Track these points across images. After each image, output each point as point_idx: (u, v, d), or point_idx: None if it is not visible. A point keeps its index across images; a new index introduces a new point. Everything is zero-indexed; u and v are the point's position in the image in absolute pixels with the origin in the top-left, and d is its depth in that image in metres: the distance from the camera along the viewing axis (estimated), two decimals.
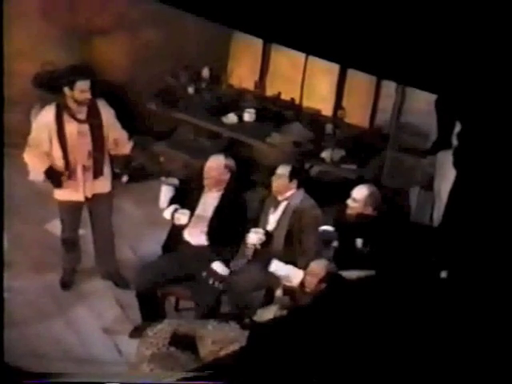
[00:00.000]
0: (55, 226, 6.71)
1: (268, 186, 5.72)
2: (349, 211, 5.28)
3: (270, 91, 7.85)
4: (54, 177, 5.73)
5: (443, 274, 3.39)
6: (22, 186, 7.04)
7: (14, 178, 6.32)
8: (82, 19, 7.33)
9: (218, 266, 5.48)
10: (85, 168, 5.73)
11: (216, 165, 5.62)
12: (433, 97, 5.82)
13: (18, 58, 6.65)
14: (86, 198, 5.83)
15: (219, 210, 5.64)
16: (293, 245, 5.51)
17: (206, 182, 5.66)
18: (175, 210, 5.67)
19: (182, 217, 5.62)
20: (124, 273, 6.18)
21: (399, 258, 4.86)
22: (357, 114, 7.37)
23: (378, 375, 2.91)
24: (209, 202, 5.68)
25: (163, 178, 6.55)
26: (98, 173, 5.78)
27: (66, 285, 6.06)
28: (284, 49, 6.93)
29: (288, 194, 5.56)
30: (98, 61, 7.48)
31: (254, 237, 5.50)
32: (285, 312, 4.71)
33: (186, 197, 5.77)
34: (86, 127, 5.66)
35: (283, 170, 5.55)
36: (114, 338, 5.63)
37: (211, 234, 5.65)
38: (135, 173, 7.50)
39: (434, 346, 2.90)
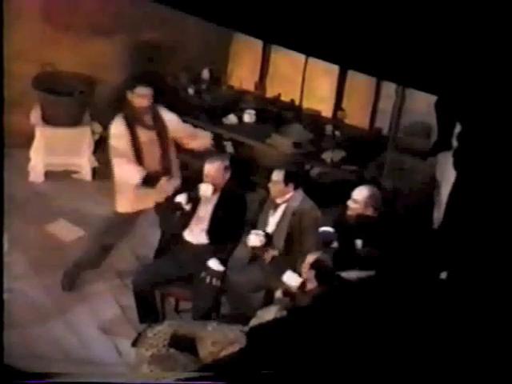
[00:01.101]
0: (56, 228, 6.72)
1: (267, 188, 5.72)
2: (349, 212, 5.28)
3: (270, 92, 7.85)
4: (152, 179, 5.76)
5: (443, 275, 3.39)
6: (23, 187, 7.04)
7: (14, 179, 6.33)
8: (81, 20, 7.33)
9: (213, 263, 5.49)
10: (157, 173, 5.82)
11: (215, 168, 5.62)
12: (433, 98, 5.82)
13: (18, 59, 6.65)
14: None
15: (219, 208, 5.65)
16: (293, 246, 5.51)
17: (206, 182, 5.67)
18: (188, 194, 5.64)
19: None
20: (123, 274, 6.20)
21: (399, 259, 4.86)
22: (357, 115, 7.37)
23: (378, 376, 2.91)
24: (209, 200, 5.68)
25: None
26: (167, 175, 5.84)
27: (68, 286, 6.05)
28: (284, 50, 6.93)
29: (286, 196, 5.56)
30: (98, 61, 7.48)
31: (255, 239, 5.51)
32: (284, 313, 4.71)
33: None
34: (153, 134, 5.80)
35: (277, 176, 5.54)
36: (113, 339, 5.63)
37: (211, 232, 5.65)
38: None
39: (434, 347, 2.90)
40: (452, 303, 3.00)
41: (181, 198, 5.64)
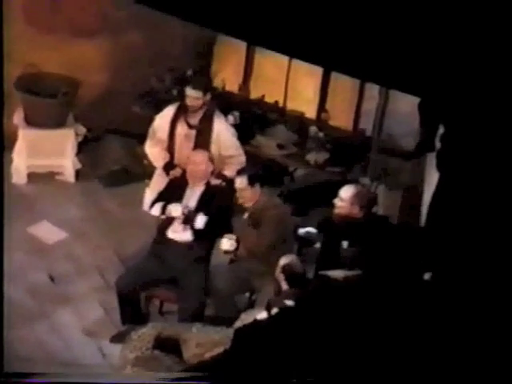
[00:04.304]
0: (39, 230, 6.69)
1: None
2: (336, 210, 5.26)
3: (253, 94, 7.85)
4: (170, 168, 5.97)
5: (427, 276, 3.40)
6: (5, 189, 6.98)
7: None
8: (65, 21, 7.29)
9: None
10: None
11: (201, 158, 5.65)
12: (416, 99, 5.84)
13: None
14: None
15: (202, 204, 5.64)
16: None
17: (190, 176, 5.66)
18: (164, 206, 5.65)
19: (176, 208, 5.62)
20: (107, 276, 6.18)
21: (383, 260, 4.87)
22: (340, 117, 7.38)
23: (364, 376, 2.92)
24: (192, 197, 5.67)
25: (147, 181, 6.53)
26: None
27: None
28: (268, 51, 6.93)
29: (255, 199, 5.56)
30: (81, 63, 7.44)
31: (227, 243, 5.50)
32: (267, 315, 4.70)
33: (170, 197, 5.74)
34: (193, 133, 5.91)
35: (241, 183, 5.52)
36: (97, 341, 5.62)
37: (196, 229, 5.63)
38: (119, 175, 7.49)
39: (419, 347, 2.91)
40: (435, 304, 3.01)
41: (155, 211, 5.70)
